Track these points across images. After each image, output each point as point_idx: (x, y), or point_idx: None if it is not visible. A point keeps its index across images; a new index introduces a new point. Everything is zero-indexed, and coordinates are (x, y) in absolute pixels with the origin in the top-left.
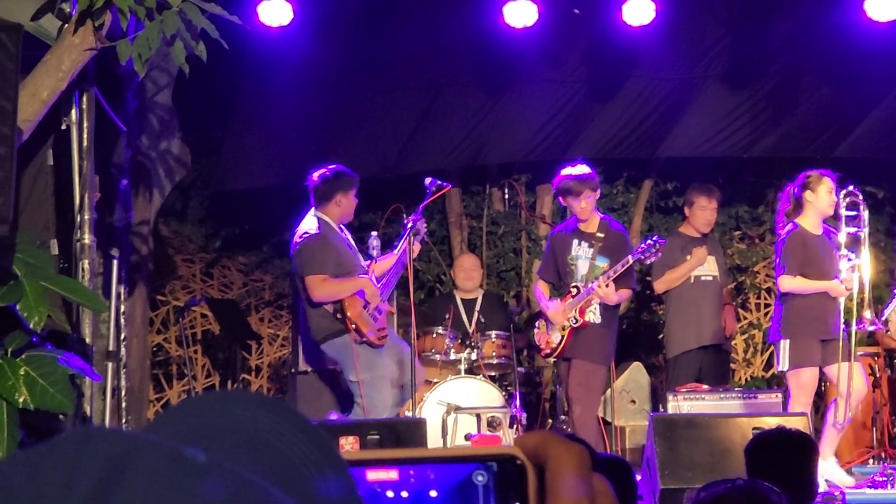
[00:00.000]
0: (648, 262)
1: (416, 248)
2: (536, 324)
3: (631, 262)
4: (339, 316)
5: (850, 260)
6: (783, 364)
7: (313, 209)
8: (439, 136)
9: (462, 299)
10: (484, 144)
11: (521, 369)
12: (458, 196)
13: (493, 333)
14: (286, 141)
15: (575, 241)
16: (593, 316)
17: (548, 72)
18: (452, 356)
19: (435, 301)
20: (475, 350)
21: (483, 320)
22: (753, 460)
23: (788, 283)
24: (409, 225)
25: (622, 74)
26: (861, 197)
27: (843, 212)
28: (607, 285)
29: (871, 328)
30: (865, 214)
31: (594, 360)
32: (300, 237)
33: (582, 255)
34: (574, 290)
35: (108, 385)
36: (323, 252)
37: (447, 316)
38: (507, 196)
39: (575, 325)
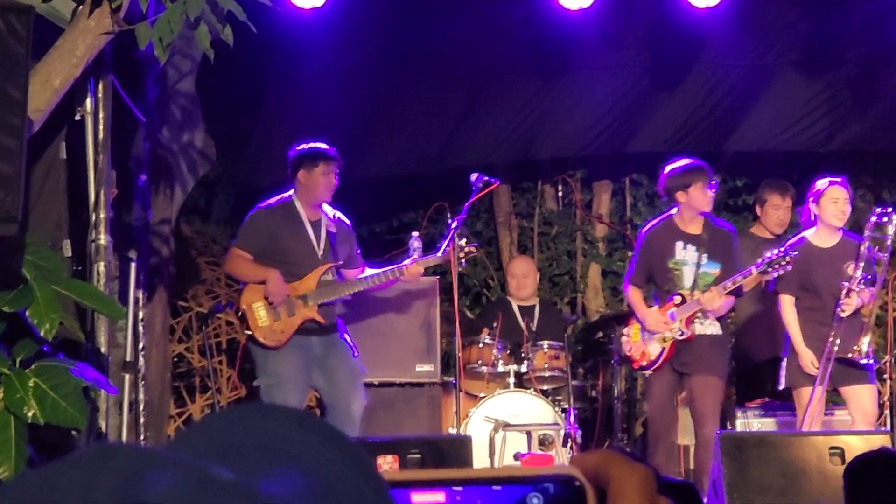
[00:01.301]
0: (774, 276)
1: (467, 251)
2: (625, 331)
3: (755, 273)
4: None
5: (862, 283)
6: (780, 382)
7: None
8: (487, 128)
9: (519, 307)
10: (535, 137)
11: (575, 383)
12: (507, 193)
13: (546, 344)
14: (319, 133)
15: (679, 244)
16: (713, 328)
17: (605, 58)
18: (500, 368)
19: (488, 308)
20: (525, 362)
21: (534, 329)
22: (855, 484)
23: (781, 303)
24: (454, 225)
25: (687, 60)
26: (891, 216)
27: (869, 233)
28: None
29: (864, 362)
30: (891, 233)
31: (721, 376)
32: None
33: (688, 261)
34: (678, 299)
35: (125, 398)
36: (251, 229)
37: (495, 324)
38: (560, 193)
39: (680, 338)
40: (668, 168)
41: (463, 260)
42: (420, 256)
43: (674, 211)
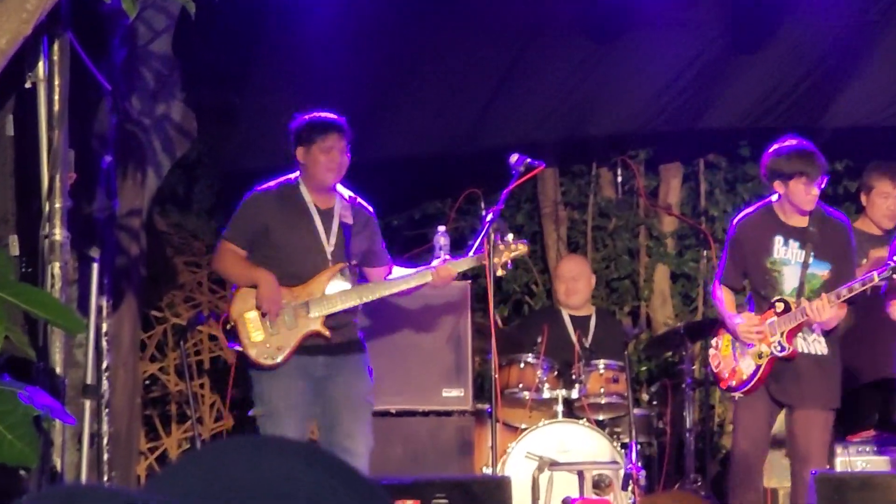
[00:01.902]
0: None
1: (506, 253)
2: (714, 342)
3: (876, 280)
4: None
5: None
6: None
7: None
8: (529, 99)
9: (570, 317)
10: (589, 110)
11: (638, 412)
12: (555, 179)
13: (602, 363)
14: (323, 105)
15: (778, 239)
16: (818, 346)
17: (675, 13)
18: (546, 394)
19: (531, 320)
20: (577, 385)
21: (589, 346)
22: None
23: None
24: (490, 218)
25: (775, 17)
26: None
27: None
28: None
29: None
30: None
31: (830, 407)
32: None
33: (791, 260)
34: (781, 306)
35: (86, 430)
36: (244, 217)
37: (539, 339)
38: (619, 179)
39: (780, 354)
40: (774, 147)
41: (509, 262)
42: (453, 256)
43: (773, 198)
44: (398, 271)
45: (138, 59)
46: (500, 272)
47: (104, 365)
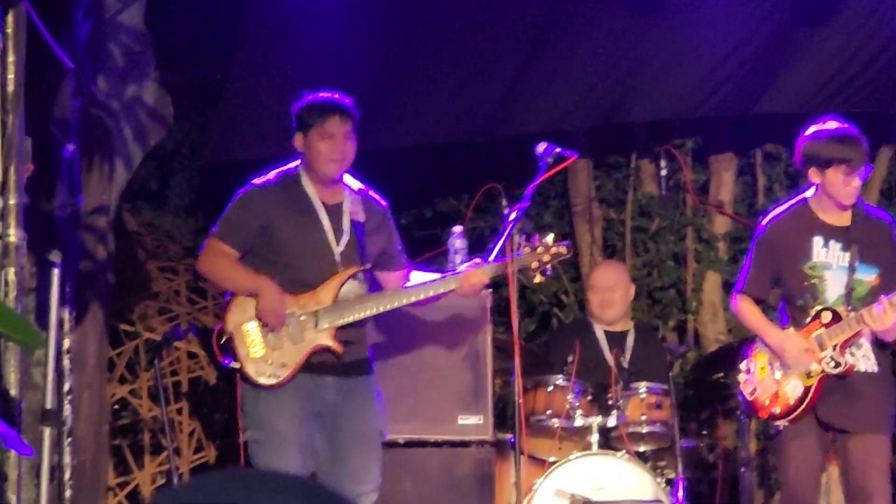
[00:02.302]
0: None
1: (545, 255)
2: (744, 365)
3: None
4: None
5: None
6: None
7: None
8: (558, 80)
9: (606, 333)
10: (627, 92)
11: (685, 442)
12: (588, 172)
13: (643, 387)
14: (319, 89)
15: (817, 240)
16: (867, 362)
17: None
18: (578, 421)
19: (560, 335)
20: (615, 412)
21: (628, 366)
22: None
23: None
24: (514, 216)
25: None
26: None
27: None
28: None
29: None
30: None
31: (884, 430)
32: None
33: (833, 263)
34: (828, 316)
35: (45, 462)
36: (240, 213)
37: (570, 358)
38: (663, 172)
39: (834, 372)
40: (809, 130)
41: (549, 268)
42: (482, 259)
43: (809, 193)
44: (416, 277)
45: (105, 34)
46: (538, 279)
47: (66, 387)
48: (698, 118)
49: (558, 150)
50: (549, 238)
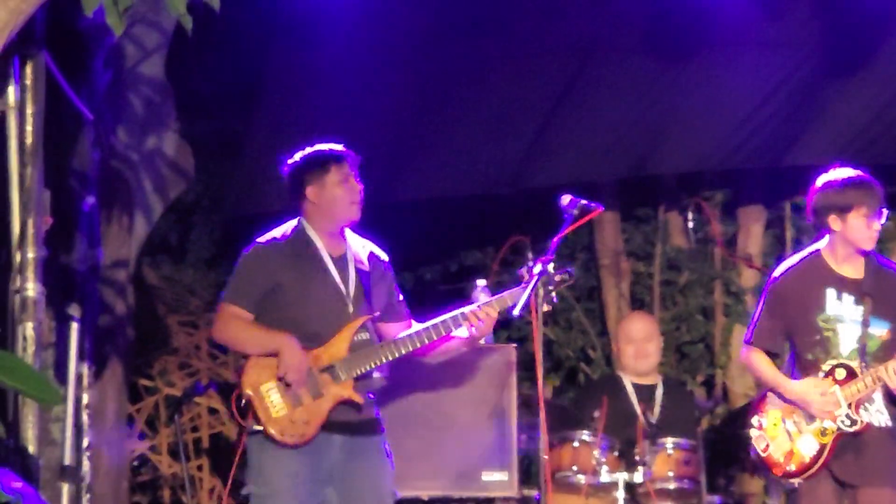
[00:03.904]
0: None
1: (558, 280)
2: (756, 420)
3: None
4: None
5: None
6: None
7: None
8: (584, 131)
9: (635, 386)
10: (655, 144)
11: (714, 499)
12: (615, 225)
13: (671, 442)
14: (340, 140)
15: (830, 292)
16: (881, 416)
17: (758, 30)
18: (605, 477)
19: (588, 389)
20: (642, 468)
21: (656, 421)
22: None
23: None
24: (539, 270)
25: (873, 36)
26: None
27: None
28: None
29: None
30: None
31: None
32: None
33: (846, 316)
34: (842, 372)
35: None
36: (248, 274)
37: (597, 413)
38: (691, 224)
39: (850, 430)
40: (821, 180)
41: (553, 295)
42: (495, 295)
43: (821, 244)
44: (417, 327)
45: (125, 84)
46: (545, 307)
47: (85, 443)
48: (727, 170)
49: (583, 202)
50: (550, 267)
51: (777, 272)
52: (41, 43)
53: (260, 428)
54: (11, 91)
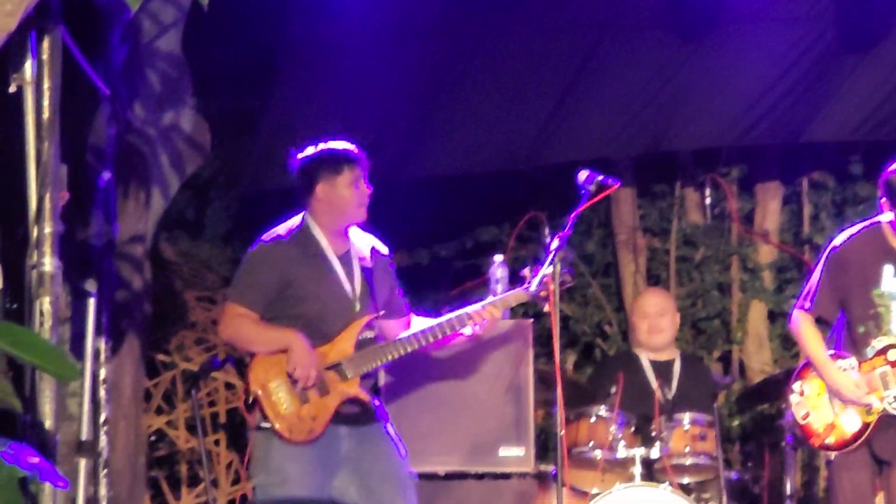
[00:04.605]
0: None
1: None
2: (798, 386)
3: None
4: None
5: None
6: None
7: None
8: (601, 108)
9: (651, 363)
10: (671, 120)
11: (730, 474)
12: (632, 201)
13: (687, 418)
14: (357, 116)
15: (888, 268)
16: None
17: (773, 6)
18: (621, 453)
19: (604, 365)
20: (658, 443)
21: (673, 397)
22: None
23: None
24: (555, 245)
25: (892, 8)
26: None
27: None
28: None
29: None
30: None
31: None
32: None
33: None
34: (895, 355)
35: (81, 494)
36: (254, 273)
37: (613, 389)
38: (708, 201)
39: (895, 412)
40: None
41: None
42: (503, 291)
43: (883, 218)
44: (417, 322)
45: (142, 60)
46: (547, 308)
47: (102, 418)
48: (744, 146)
49: (600, 178)
50: (548, 268)
51: (837, 241)
52: (58, 18)
53: (268, 424)
54: (28, 66)
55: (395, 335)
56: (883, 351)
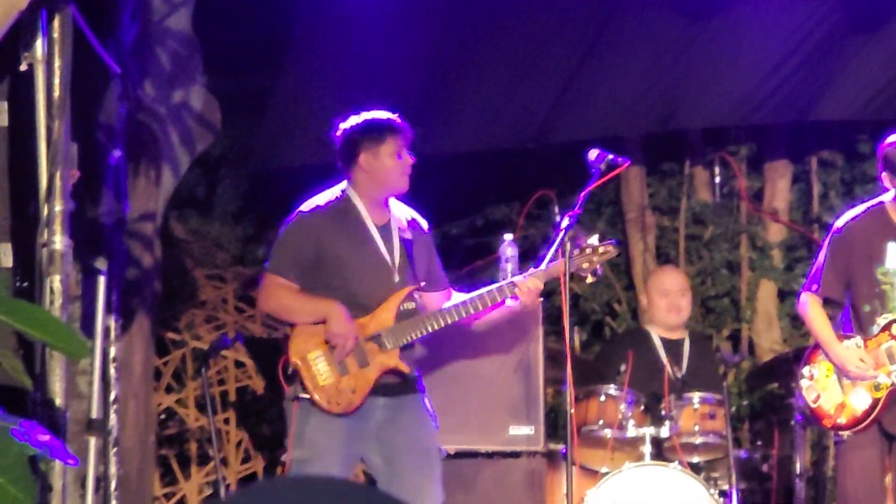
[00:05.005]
0: None
1: (594, 257)
2: (807, 370)
3: None
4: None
5: None
6: None
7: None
8: (610, 86)
9: (663, 340)
10: (680, 99)
11: (739, 453)
12: (641, 179)
13: (697, 397)
14: (368, 94)
15: (891, 246)
16: None
17: None
18: (631, 432)
19: (614, 343)
20: (668, 422)
21: (682, 376)
22: None
23: None
24: (565, 224)
25: None
26: None
27: None
28: None
29: None
30: None
31: None
32: None
33: None
34: None
35: (91, 472)
36: (293, 243)
37: (623, 368)
38: (717, 179)
39: None
40: (892, 137)
41: (599, 267)
42: (513, 270)
43: (886, 197)
44: (457, 297)
45: (152, 38)
46: (589, 279)
47: (112, 396)
48: (753, 125)
49: (610, 156)
50: (595, 238)
51: (840, 222)
52: None
53: (307, 396)
54: (39, 44)
55: (436, 308)
56: (888, 326)
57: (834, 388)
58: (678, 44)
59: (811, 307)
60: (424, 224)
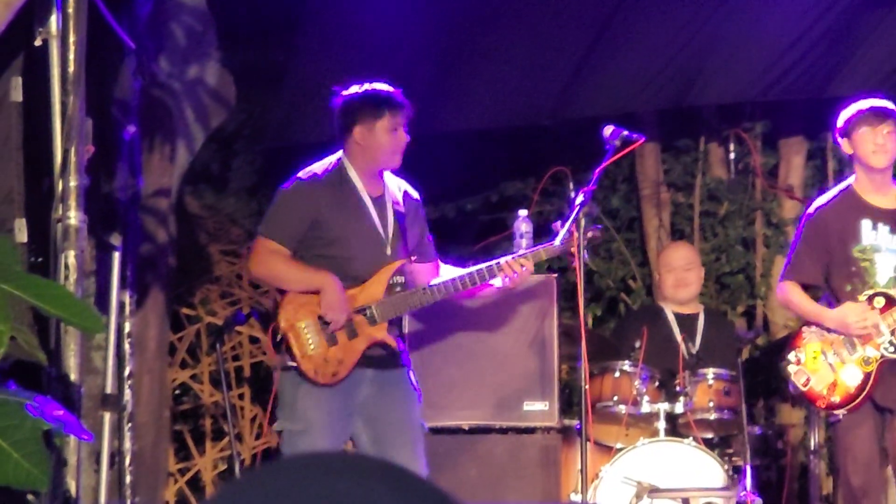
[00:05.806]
0: None
1: (591, 236)
2: (793, 356)
3: None
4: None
5: None
6: None
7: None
8: (625, 62)
9: (677, 315)
10: (695, 75)
11: (754, 429)
12: (656, 156)
13: (711, 373)
14: (384, 68)
15: (865, 223)
16: None
17: None
18: (645, 408)
19: (628, 320)
20: (682, 398)
21: (697, 352)
22: None
23: None
24: (580, 200)
25: None
26: None
27: None
28: None
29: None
30: None
31: None
32: None
33: (882, 246)
34: (881, 301)
35: (105, 447)
36: (287, 209)
37: (638, 344)
38: (732, 156)
39: (894, 356)
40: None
41: (585, 252)
42: (528, 248)
43: (851, 179)
44: (446, 270)
45: (167, 13)
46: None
47: (127, 371)
48: (768, 101)
49: (625, 133)
50: (583, 219)
51: (811, 208)
52: None
53: (294, 364)
54: (54, 20)
55: (423, 280)
56: (869, 300)
57: (824, 368)
58: (694, 20)
59: (791, 292)
60: (416, 195)
